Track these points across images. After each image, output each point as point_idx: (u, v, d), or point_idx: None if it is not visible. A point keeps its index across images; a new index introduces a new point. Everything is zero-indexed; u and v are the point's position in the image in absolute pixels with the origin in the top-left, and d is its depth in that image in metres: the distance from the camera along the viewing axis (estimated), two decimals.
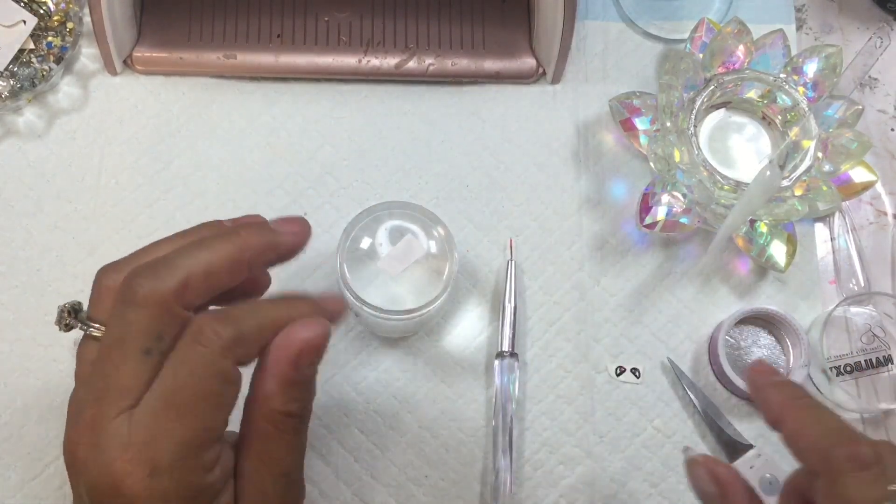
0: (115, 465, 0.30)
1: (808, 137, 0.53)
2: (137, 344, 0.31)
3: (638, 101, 0.56)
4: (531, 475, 0.51)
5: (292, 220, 0.37)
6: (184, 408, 0.31)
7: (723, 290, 0.55)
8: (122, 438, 0.31)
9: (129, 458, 0.30)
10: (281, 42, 0.57)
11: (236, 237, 0.34)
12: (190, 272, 0.32)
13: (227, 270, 0.34)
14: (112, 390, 0.31)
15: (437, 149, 0.57)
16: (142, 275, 0.32)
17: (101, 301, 0.34)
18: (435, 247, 0.48)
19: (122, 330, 0.31)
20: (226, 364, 0.32)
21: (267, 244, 0.35)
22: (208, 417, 0.32)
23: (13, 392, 0.51)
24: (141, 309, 0.31)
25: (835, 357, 0.53)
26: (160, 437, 0.31)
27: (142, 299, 0.31)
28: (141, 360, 0.31)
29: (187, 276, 0.32)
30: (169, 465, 0.31)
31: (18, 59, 0.55)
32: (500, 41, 0.58)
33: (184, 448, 0.31)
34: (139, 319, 0.31)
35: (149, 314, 0.31)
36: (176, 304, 0.32)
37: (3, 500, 0.49)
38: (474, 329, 0.53)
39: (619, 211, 0.56)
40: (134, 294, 0.31)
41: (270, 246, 0.36)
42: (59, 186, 0.55)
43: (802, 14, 0.62)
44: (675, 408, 0.52)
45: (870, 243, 0.56)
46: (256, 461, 0.34)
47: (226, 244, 0.34)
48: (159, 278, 0.32)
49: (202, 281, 0.33)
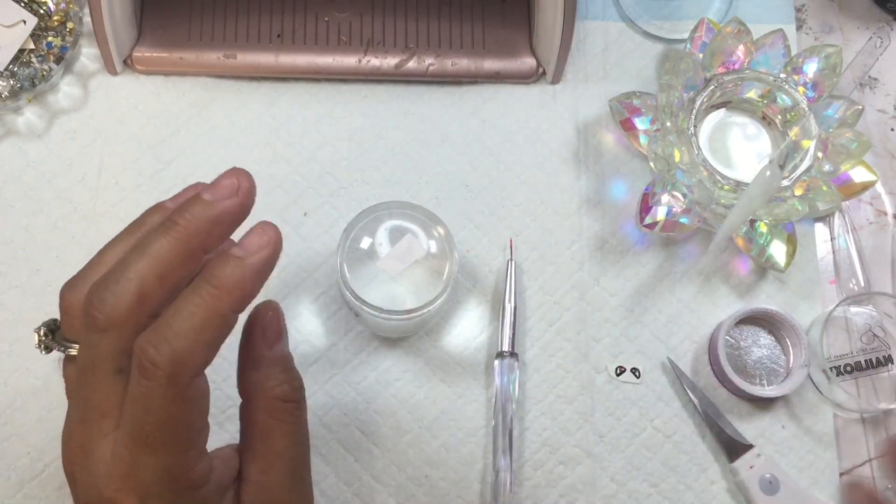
0: (106, 493, 0.31)
1: (808, 137, 0.53)
2: (108, 366, 0.31)
3: (638, 101, 0.56)
4: (531, 475, 0.51)
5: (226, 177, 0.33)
6: (152, 441, 0.30)
7: (723, 290, 0.55)
8: (108, 467, 0.31)
9: (117, 487, 0.31)
10: (281, 42, 0.57)
11: (177, 230, 0.31)
12: (142, 282, 0.31)
13: (180, 267, 0.32)
14: (93, 413, 0.31)
15: (437, 149, 0.57)
16: (97, 296, 0.31)
17: (71, 320, 0.33)
18: (435, 247, 0.48)
19: (92, 354, 0.31)
20: (176, 389, 0.30)
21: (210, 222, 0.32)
22: (181, 442, 0.31)
23: (13, 392, 0.51)
24: (103, 332, 0.31)
25: (835, 357, 0.53)
26: (140, 469, 0.30)
27: (102, 323, 0.30)
28: (114, 381, 0.31)
29: (140, 287, 0.31)
30: (158, 493, 0.30)
31: (18, 59, 0.55)
32: (500, 41, 0.58)
33: (167, 475, 0.31)
34: (104, 342, 0.31)
35: (113, 336, 0.31)
36: (139, 318, 0.31)
37: (3, 500, 0.49)
38: (474, 329, 0.53)
39: (619, 211, 0.56)
40: (94, 320, 0.31)
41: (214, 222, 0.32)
42: (59, 186, 0.55)
43: (802, 14, 0.62)
44: (675, 408, 0.52)
45: (870, 243, 0.56)
46: (263, 461, 0.34)
47: (169, 241, 0.31)
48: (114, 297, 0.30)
49: (158, 287, 0.31)
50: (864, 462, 0.52)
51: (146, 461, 0.30)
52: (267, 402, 0.34)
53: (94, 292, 0.31)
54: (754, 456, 0.50)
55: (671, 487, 0.51)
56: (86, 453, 0.31)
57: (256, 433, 0.34)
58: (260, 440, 0.34)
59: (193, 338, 0.30)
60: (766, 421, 0.52)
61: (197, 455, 0.32)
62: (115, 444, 0.31)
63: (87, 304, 0.31)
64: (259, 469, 0.34)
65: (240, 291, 0.31)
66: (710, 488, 0.51)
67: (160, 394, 0.30)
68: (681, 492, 0.51)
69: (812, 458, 0.52)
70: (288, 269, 0.54)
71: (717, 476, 0.51)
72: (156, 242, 0.31)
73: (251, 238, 0.32)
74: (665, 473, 0.51)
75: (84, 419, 0.32)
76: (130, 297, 0.30)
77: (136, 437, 0.30)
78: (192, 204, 0.32)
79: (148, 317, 0.31)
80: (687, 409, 0.52)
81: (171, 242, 0.31)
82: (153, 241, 0.31)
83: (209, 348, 0.31)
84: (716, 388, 0.53)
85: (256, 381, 0.34)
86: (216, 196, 0.32)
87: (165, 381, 0.30)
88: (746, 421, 0.52)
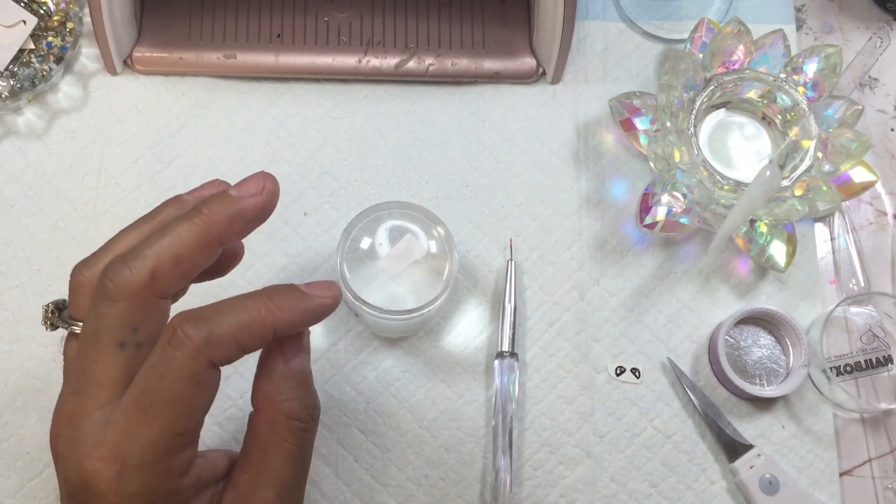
0: (87, 462, 0.31)
1: (808, 137, 0.53)
2: (111, 338, 0.31)
3: (638, 101, 0.56)
4: (531, 475, 0.51)
5: (254, 177, 0.35)
6: (153, 411, 0.31)
7: (723, 290, 0.55)
8: (97, 435, 0.31)
9: (100, 455, 0.31)
10: (281, 42, 0.57)
11: (199, 217, 0.33)
12: (158, 261, 0.32)
13: (197, 253, 0.33)
14: (89, 384, 0.32)
15: (437, 149, 0.57)
16: (112, 269, 0.32)
17: (79, 298, 0.34)
18: (435, 247, 0.48)
19: (97, 324, 0.32)
20: (196, 367, 0.31)
21: (233, 215, 0.33)
22: (178, 421, 0.31)
23: (13, 392, 0.51)
24: (113, 303, 0.31)
25: (835, 357, 0.53)
26: (130, 438, 0.31)
27: (113, 293, 0.31)
28: (115, 354, 0.31)
29: (155, 266, 0.32)
30: (137, 466, 0.31)
31: (18, 59, 0.55)
32: (500, 41, 0.58)
33: (152, 450, 0.31)
34: (112, 313, 0.31)
35: (121, 307, 0.31)
36: (148, 295, 0.32)
37: (3, 500, 0.49)
38: (474, 329, 0.53)
39: (619, 211, 0.56)
40: (105, 289, 0.31)
41: (237, 216, 0.34)
42: (59, 186, 0.55)
43: (802, 14, 0.62)
44: (675, 408, 0.52)
45: (870, 243, 0.56)
46: (254, 473, 0.34)
47: (191, 226, 0.33)
48: (128, 270, 0.31)
49: (172, 268, 0.32)
50: (864, 462, 0.52)
51: (139, 430, 0.31)
52: (272, 415, 0.34)
53: (110, 266, 0.32)
54: (754, 456, 0.50)
55: (671, 487, 0.51)
56: (73, 424, 0.31)
57: (255, 444, 0.34)
58: (256, 452, 0.34)
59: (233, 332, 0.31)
60: (766, 421, 0.52)
61: (186, 441, 0.32)
62: (112, 411, 0.31)
63: (102, 276, 0.32)
64: (247, 480, 0.34)
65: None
66: (710, 488, 0.51)
67: (181, 366, 0.30)
68: (681, 492, 0.51)
69: (812, 458, 0.52)
70: (288, 269, 0.54)
71: (717, 476, 0.51)
72: (177, 226, 0.33)
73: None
74: (665, 473, 0.51)
75: (78, 391, 0.32)
76: (145, 272, 0.31)
77: (139, 403, 0.31)
78: (217, 197, 0.34)
79: (158, 297, 0.32)
80: (687, 409, 0.52)
81: (192, 228, 0.32)
82: (174, 225, 0.33)
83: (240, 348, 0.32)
84: (716, 388, 0.53)
85: (267, 392, 0.34)
86: (242, 192, 0.34)
87: (191, 355, 0.30)
88: (746, 421, 0.52)
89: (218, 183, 0.37)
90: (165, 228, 0.33)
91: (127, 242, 0.34)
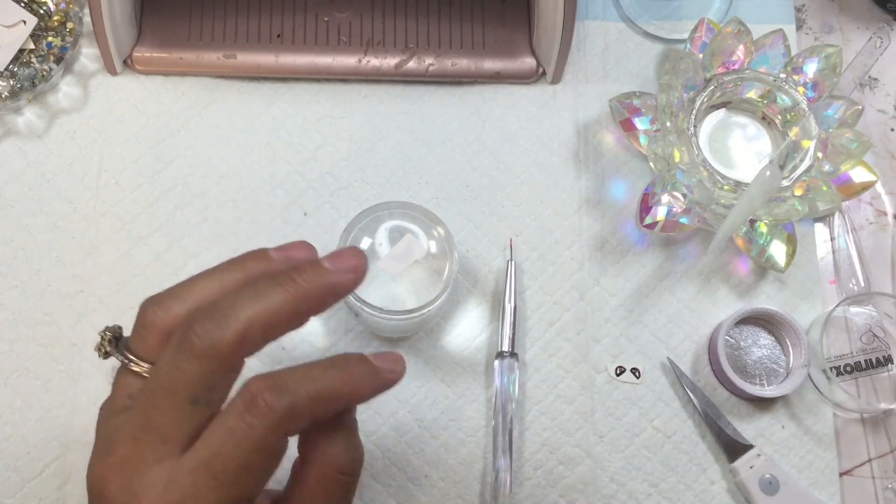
0: None
1: (808, 137, 0.53)
2: (187, 393, 0.31)
3: (638, 101, 0.56)
4: (531, 475, 0.51)
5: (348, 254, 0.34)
6: (224, 477, 0.30)
7: (723, 290, 0.55)
8: (157, 491, 0.30)
9: None
10: (281, 42, 0.57)
11: (294, 286, 0.32)
12: (249, 326, 0.31)
13: (286, 322, 0.32)
14: (152, 434, 0.31)
15: (437, 149, 0.57)
16: (200, 324, 0.31)
17: (146, 337, 0.33)
18: (435, 247, 0.48)
19: (173, 377, 0.31)
20: (274, 438, 0.31)
21: (326, 289, 0.33)
22: (248, 489, 0.31)
23: (13, 392, 0.51)
24: (197, 360, 0.30)
25: (835, 357, 0.53)
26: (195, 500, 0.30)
27: (199, 351, 0.30)
28: (187, 410, 0.31)
29: (246, 330, 0.31)
30: None
31: (18, 59, 0.55)
32: (500, 41, 0.58)
33: None
34: (193, 370, 0.30)
35: (204, 366, 0.31)
36: (233, 358, 0.31)
37: (3, 500, 0.49)
38: (474, 329, 0.53)
39: (619, 211, 0.56)
40: (192, 345, 0.30)
41: (329, 291, 0.33)
42: (59, 186, 0.55)
43: (802, 14, 0.62)
44: (675, 408, 0.52)
45: (870, 243, 0.56)
46: None
47: (285, 295, 0.32)
48: (219, 331, 0.30)
49: (260, 334, 0.31)
50: (864, 462, 0.52)
51: (207, 494, 0.30)
52: (322, 469, 0.34)
53: (200, 320, 0.31)
54: (754, 456, 0.50)
55: (671, 487, 0.51)
56: (127, 472, 0.31)
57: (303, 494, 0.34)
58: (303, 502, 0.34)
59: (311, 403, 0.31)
60: (766, 421, 0.52)
61: None
62: (176, 470, 0.30)
63: (187, 329, 0.31)
64: None
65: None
66: (710, 488, 0.51)
67: (259, 436, 0.30)
68: (681, 492, 0.51)
69: (812, 458, 0.52)
70: None
71: (717, 476, 0.51)
72: (271, 292, 0.32)
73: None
74: (665, 473, 0.51)
75: (137, 438, 0.31)
76: (235, 336, 0.30)
77: (211, 468, 0.30)
78: (312, 267, 0.33)
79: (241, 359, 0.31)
80: (687, 409, 0.52)
81: (286, 297, 0.32)
82: (269, 291, 0.32)
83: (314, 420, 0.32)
84: (716, 388, 0.53)
85: (317, 443, 0.34)
86: (336, 267, 0.33)
87: (271, 427, 0.30)
88: (746, 421, 0.52)
89: (307, 246, 0.36)
90: (258, 291, 0.32)
91: (208, 291, 0.33)
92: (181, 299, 0.33)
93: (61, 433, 0.50)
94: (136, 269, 0.53)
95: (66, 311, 0.52)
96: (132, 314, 0.53)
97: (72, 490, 0.49)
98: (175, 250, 0.54)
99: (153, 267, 0.53)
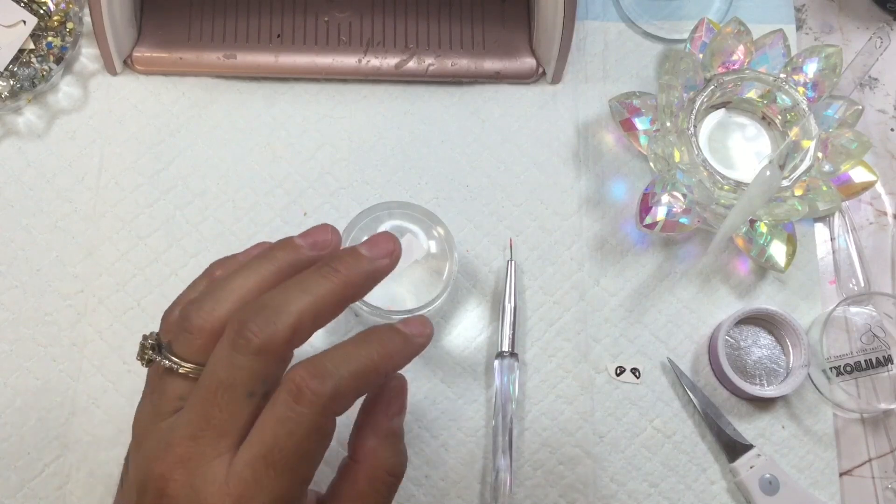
0: None
1: (808, 137, 0.53)
2: (245, 388, 0.32)
3: (638, 101, 0.56)
4: (531, 475, 0.51)
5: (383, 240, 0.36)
6: (282, 466, 0.31)
7: (723, 290, 0.55)
8: (220, 486, 0.31)
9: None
10: (281, 42, 0.57)
11: (338, 276, 0.34)
12: (300, 318, 0.32)
13: (332, 311, 0.34)
14: (212, 431, 0.32)
15: (437, 149, 0.57)
16: (254, 322, 0.32)
17: (192, 341, 0.34)
18: (435, 247, 0.48)
19: (231, 374, 0.32)
20: (324, 422, 0.32)
21: (367, 276, 0.35)
22: (305, 473, 0.32)
23: (13, 392, 0.51)
24: (253, 356, 0.31)
25: (835, 357, 0.53)
26: (258, 491, 0.31)
27: (256, 348, 0.31)
28: (245, 404, 0.32)
29: (298, 322, 0.32)
30: None
31: (18, 59, 0.55)
32: (500, 41, 0.58)
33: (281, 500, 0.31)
34: (251, 366, 0.32)
35: (261, 361, 0.32)
36: (288, 350, 0.32)
37: (3, 500, 0.49)
38: (474, 329, 0.53)
39: (619, 211, 0.56)
40: (248, 342, 0.31)
41: (370, 277, 0.35)
42: (59, 186, 0.55)
43: (802, 14, 0.62)
44: (675, 408, 0.52)
45: (870, 243, 0.56)
46: None
47: (330, 286, 0.33)
48: (272, 326, 0.32)
49: (310, 325, 0.33)
50: (864, 462, 0.52)
51: (269, 484, 0.31)
52: (373, 471, 0.35)
53: (252, 317, 0.32)
54: (754, 456, 0.50)
55: (671, 487, 0.51)
56: (189, 469, 0.31)
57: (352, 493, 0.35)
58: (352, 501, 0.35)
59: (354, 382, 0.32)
60: (766, 421, 0.52)
61: (306, 488, 0.33)
62: (235, 463, 0.31)
63: (241, 327, 0.32)
64: None
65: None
66: (710, 488, 0.51)
67: (310, 421, 0.31)
68: (681, 492, 0.51)
69: (812, 458, 0.52)
70: None
71: (717, 476, 0.51)
72: (317, 285, 0.33)
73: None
74: (665, 473, 0.51)
75: (196, 436, 0.32)
76: (289, 329, 0.32)
77: (268, 458, 0.31)
78: (350, 255, 0.35)
79: (290, 350, 0.33)
80: (687, 409, 0.52)
81: (331, 287, 0.33)
82: (314, 283, 0.33)
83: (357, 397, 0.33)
84: (716, 388, 0.53)
85: (371, 447, 0.36)
86: (373, 254, 0.35)
87: (320, 412, 0.31)
88: (746, 421, 0.52)
89: (331, 229, 0.37)
90: (304, 284, 0.33)
91: (247, 288, 0.34)
92: (221, 301, 0.34)
93: (61, 433, 0.50)
94: (136, 269, 0.53)
95: (66, 311, 0.52)
96: (132, 314, 0.54)
97: (72, 490, 0.49)
98: (175, 250, 0.54)
99: (153, 267, 0.53)
